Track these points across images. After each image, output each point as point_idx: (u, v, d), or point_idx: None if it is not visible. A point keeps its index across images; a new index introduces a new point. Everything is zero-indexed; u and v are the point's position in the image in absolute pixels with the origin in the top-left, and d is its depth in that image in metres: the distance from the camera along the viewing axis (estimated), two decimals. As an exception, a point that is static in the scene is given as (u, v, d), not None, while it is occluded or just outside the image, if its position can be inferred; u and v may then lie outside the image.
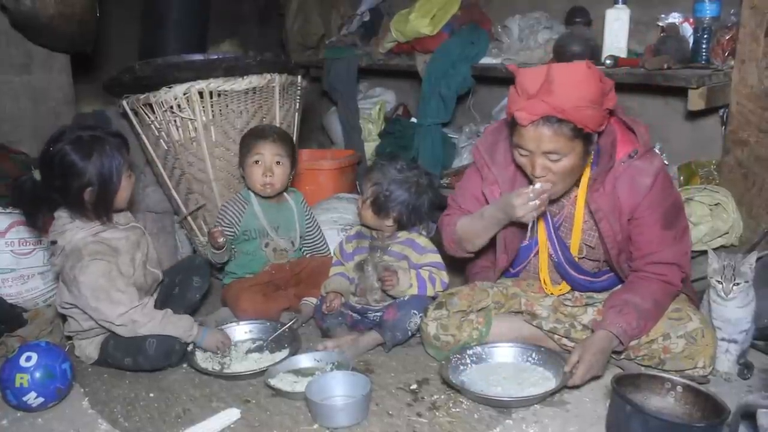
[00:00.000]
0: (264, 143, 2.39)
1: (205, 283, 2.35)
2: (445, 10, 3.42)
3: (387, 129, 3.91)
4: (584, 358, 1.78)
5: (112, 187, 1.98)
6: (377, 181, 2.18)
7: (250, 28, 4.81)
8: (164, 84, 2.48)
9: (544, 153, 1.72)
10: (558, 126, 1.67)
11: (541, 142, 1.70)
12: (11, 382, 1.79)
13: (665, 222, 1.84)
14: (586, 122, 1.67)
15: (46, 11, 2.91)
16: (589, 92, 1.65)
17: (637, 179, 1.80)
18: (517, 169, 1.88)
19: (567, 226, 1.96)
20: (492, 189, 1.94)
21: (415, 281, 2.15)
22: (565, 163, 1.73)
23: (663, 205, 1.83)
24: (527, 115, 1.67)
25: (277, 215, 2.49)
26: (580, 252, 1.97)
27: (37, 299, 2.42)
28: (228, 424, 1.75)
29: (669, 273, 1.87)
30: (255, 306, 2.32)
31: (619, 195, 1.81)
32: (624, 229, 1.85)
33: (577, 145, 1.72)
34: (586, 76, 1.66)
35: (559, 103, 1.63)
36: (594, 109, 1.67)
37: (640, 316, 1.82)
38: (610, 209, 1.82)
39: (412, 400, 1.85)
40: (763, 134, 2.43)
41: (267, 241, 2.45)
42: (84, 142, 1.94)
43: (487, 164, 1.95)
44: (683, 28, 2.71)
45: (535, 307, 2.04)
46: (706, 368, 1.85)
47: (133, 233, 2.09)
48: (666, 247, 1.86)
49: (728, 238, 2.49)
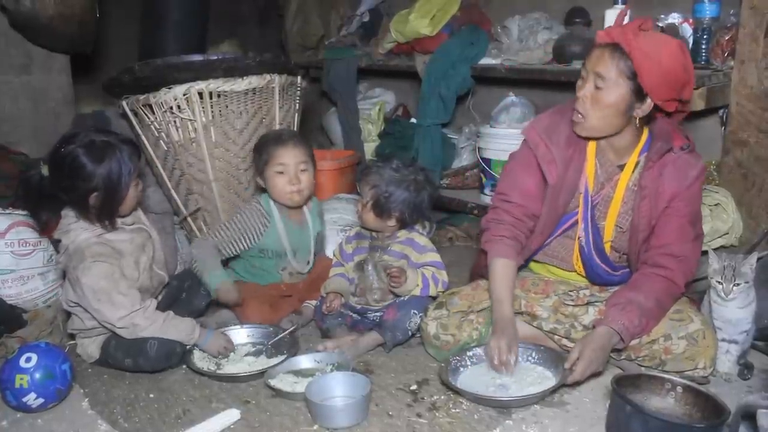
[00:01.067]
0: (285, 150, 2.29)
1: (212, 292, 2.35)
2: (444, 11, 3.42)
3: (387, 129, 3.92)
4: (584, 353, 1.78)
5: (118, 194, 1.98)
6: (375, 183, 2.18)
7: (249, 29, 4.82)
8: (164, 85, 2.48)
9: (594, 73, 1.79)
10: (619, 57, 1.76)
11: (598, 63, 1.79)
12: (11, 383, 1.79)
13: (692, 218, 1.90)
14: (645, 74, 1.73)
15: (45, 12, 2.91)
16: (667, 58, 1.74)
17: (684, 169, 1.86)
18: (574, 153, 1.93)
19: (602, 209, 1.96)
20: (550, 168, 1.93)
21: (420, 281, 2.15)
22: (603, 96, 1.78)
23: (696, 202, 1.91)
24: (604, 35, 1.81)
25: (299, 237, 2.41)
26: (610, 236, 1.97)
27: (36, 300, 2.42)
28: (228, 425, 1.74)
29: (676, 269, 1.87)
30: (262, 316, 2.28)
31: (664, 181, 1.86)
32: (658, 213, 1.88)
33: (624, 87, 1.76)
34: (672, 48, 1.77)
35: (636, 46, 1.73)
36: (660, 77, 1.73)
37: (642, 314, 1.82)
38: (655, 191, 1.87)
39: (412, 401, 1.85)
40: (762, 135, 2.43)
41: (284, 266, 2.40)
42: (97, 146, 1.94)
43: (545, 142, 1.94)
44: (683, 28, 2.71)
45: (535, 308, 2.04)
46: (707, 369, 1.85)
47: (138, 235, 2.09)
48: (684, 242, 1.89)
49: (728, 238, 2.49)
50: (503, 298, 1.94)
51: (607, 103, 1.79)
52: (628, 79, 1.76)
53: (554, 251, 2.07)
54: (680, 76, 1.77)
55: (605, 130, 1.87)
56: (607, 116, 1.82)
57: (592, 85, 1.80)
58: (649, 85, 1.75)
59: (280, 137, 2.36)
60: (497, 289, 1.96)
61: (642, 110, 1.82)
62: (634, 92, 1.78)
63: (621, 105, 1.79)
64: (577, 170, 1.94)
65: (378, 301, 2.22)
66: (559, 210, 1.97)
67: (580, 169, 1.94)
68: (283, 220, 2.37)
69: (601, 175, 1.95)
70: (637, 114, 1.83)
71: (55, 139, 3.14)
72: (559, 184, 1.93)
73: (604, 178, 1.95)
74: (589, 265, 2.01)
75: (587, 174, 1.95)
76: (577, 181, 1.95)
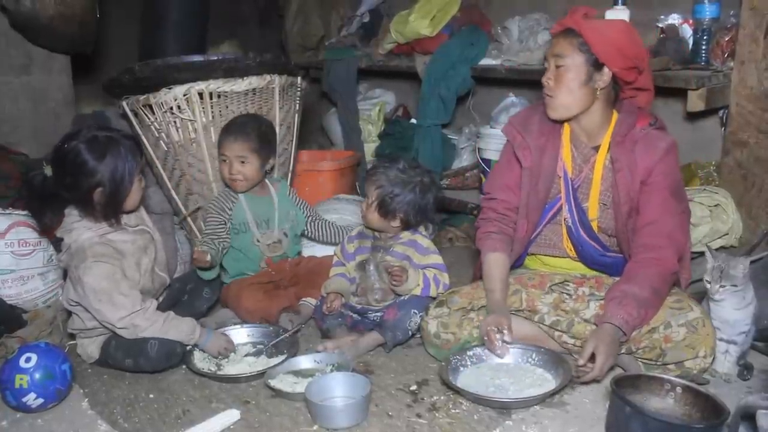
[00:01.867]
0: (226, 142, 2.39)
1: (214, 295, 2.37)
2: (444, 12, 3.42)
3: (387, 130, 3.92)
4: (599, 348, 1.78)
5: (122, 189, 1.98)
6: (381, 184, 2.18)
7: (249, 30, 4.82)
8: (164, 85, 2.48)
9: (553, 57, 1.94)
10: (572, 37, 1.91)
11: (555, 47, 1.95)
12: (11, 383, 1.79)
13: (672, 190, 1.95)
14: (597, 44, 1.87)
15: (45, 12, 2.92)
16: (615, 32, 1.89)
17: (653, 143, 1.95)
18: (548, 141, 2.04)
19: (584, 190, 2.03)
20: (524, 153, 2.05)
21: (421, 281, 2.15)
22: (564, 72, 1.91)
23: (673, 175, 1.96)
24: (556, 26, 1.98)
25: (266, 208, 2.50)
26: (595, 214, 2.02)
27: (36, 300, 2.42)
28: (228, 425, 1.74)
29: (666, 246, 1.90)
30: (257, 304, 2.32)
31: (636, 157, 1.94)
32: (636, 187, 1.93)
33: (580, 59, 1.90)
34: (618, 24, 1.97)
35: (585, 25, 1.89)
36: (610, 45, 1.87)
37: (639, 305, 1.84)
38: (628, 163, 1.94)
39: (411, 401, 1.85)
40: (762, 135, 2.43)
41: (258, 237, 2.46)
42: (99, 142, 1.94)
43: (520, 133, 2.07)
44: (683, 29, 2.71)
45: (536, 303, 2.06)
46: (707, 358, 1.85)
47: (141, 237, 2.09)
48: (670, 215, 1.92)
49: (728, 239, 2.49)
50: (495, 288, 2.03)
51: (569, 77, 1.92)
52: (583, 53, 1.90)
53: (545, 240, 2.12)
54: (630, 45, 1.90)
55: (574, 105, 1.96)
56: (572, 90, 1.93)
57: (553, 67, 1.95)
58: (603, 54, 1.88)
59: (228, 128, 2.43)
60: (489, 280, 2.06)
61: (603, 80, 1.92)
62: (591, 63, 1.90)
63: (581, 75, 1.91)
64: (553, 157, 2.04)
65: (379, 301, 2.22)
66: (541, 195, 2.04)
67: (556, 155, 2.04)
68: (248, 195, 2.47)
69: (578, 158, 2.04)
70: (598, 85, 1.93)
71: (56, 139, 3.14)
72: (537, 169, 2.03)
73: (581, 160, 2.03)
74: (579, 244, 2.05)
75: (564, 160, 2.04)
76: (555, 167, 2.04)
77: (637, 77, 1.96)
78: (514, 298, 2.07)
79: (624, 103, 2.02)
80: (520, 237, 2.07)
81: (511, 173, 2.10)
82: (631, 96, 2.03)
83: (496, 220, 2.11)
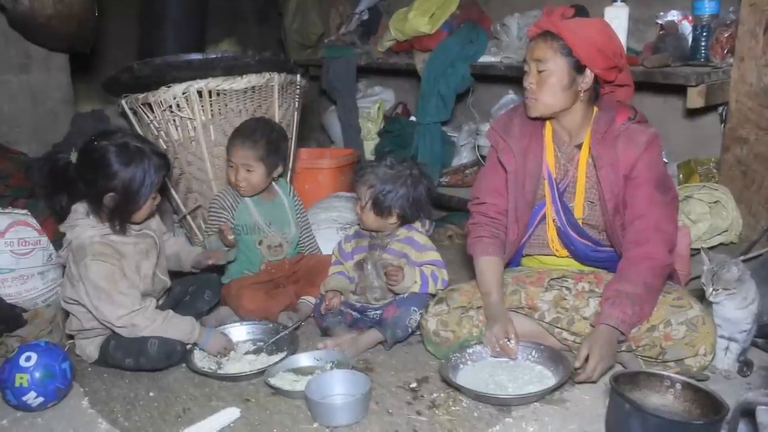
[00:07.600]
0: (233, 148, 2.37)
1: (215, 297, 2.37)
2: (444, 9, 3.41)
3: (386, 128, 3.92)
4: (593, 350, 1.79)
5: (134, 202, 1.98)
6: (371, 183, 2.17)
7: (248, 27, 4.81)
8: (163, 83, 2.48)
9: (534, 61, 1.92)
10: (552, 40, 1.90)
11: (534, 51, 1.93)
12: (11, 382, 1.79)
13: (657, 183, 1.94)
14: (578, 47, 1.87)
15: (44, 11, 2.91)
16: (594, 32, 1.89)
17: (635, 137, 1.94)
18: (530, 143, 2.04)
19: (571, 192, 2.03)
20: (507, 157, 2.05)
21: (418, 278, 2.15)
22: (547, 76, 1.90)
23: (657, 168, 1.95)
24: (534, 28, 1.96)
25: (270, 211, 2.48)
26: (582, 212, 2.02)
27: (36, 299, 2.42)
28: (228, 423, 1.75)
29: (655, 240, 1.89)
30: (257, 304, 2.32)
31: (618, 152, 1.94)
32: (620, 182, 1.93)
33: (562, 62, 1.89)
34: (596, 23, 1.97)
35: (564, 27, 1.88)
36: (592, 46, 1.87)
37: (634, 303, 1.84)
38: (610, 159, 1.94)
39: (411, 399, 1.85)
40: (762, 132, 2.43)
41: (261, 239, 2.45)
42: (128, 149, 1.95)
43: (502, 137, 2.07)
44: (682, 25, 2.71)
45: (535, 301, 2.05)
46: (707, 356, 1.85)
47: (143, 241, 2.08)
48: (655, 208, 1.92)
49: (727, 235, 2.49)
50: (491, 290, 2.03)
51: (552, 81, 1.91)
52: (564, 56, 1.89)
53: (538, 240, 2.12)
54: (610, 44, 1.91)
55: (557, 105, 1.95)
56: (556, 92, 1.93)
57: (535, 71, 1.93)
58: (585, 56, 1.88)
59: (236, 134, 2.41)
60: (484, 283, 2.05)
61: (585, 83, 1.93)
62: (573, 67, 1.90)
63: (564, 79, 1.91)
64: (537, 159, 2.04)
65: (378, 299, 2.22)
66: (528, 197, 2.04)
67: (540, 157, 2.04)
68: (254, 198, 2.45)
69: (562, 158, 2.04)
70: (581, 87, 1.93)
71: (55, 138, 3.15)
72: (522, 172, 2.03)
73: (565, 160, 2.04)
74: (571, 243, 2.05)
75: (548, 161, 2.05)
76: (540, 168, 2.04)
77: (617, 75, 1.97)
78: (514, 297, 2.07)
79: (603, 98, 2.02)
80: (512, 240, 2.07)
81: (497, 177, 2.10)
82: (611, 91, 2.03)
83: (488, 224, 2.11)
